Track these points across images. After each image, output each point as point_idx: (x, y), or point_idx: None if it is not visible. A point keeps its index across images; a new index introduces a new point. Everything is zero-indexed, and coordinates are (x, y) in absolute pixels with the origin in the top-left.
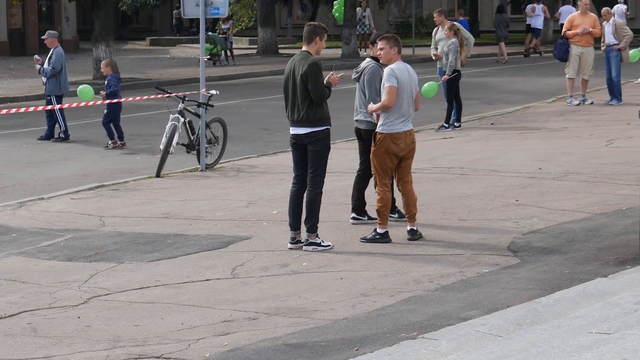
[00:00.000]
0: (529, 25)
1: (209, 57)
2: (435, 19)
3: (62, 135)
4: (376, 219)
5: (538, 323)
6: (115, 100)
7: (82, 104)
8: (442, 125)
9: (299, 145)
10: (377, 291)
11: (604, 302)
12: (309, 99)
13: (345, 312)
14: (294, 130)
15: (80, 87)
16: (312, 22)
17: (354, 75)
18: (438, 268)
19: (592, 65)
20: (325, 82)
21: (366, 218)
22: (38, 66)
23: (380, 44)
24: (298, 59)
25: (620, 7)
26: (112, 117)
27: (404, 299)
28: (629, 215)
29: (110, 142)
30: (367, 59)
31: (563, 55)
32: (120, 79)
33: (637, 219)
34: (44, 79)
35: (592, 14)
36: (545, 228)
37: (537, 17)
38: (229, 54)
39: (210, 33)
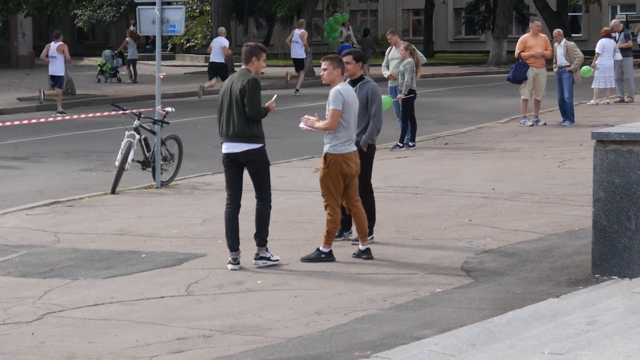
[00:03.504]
0: None
1: (105, 72)
2: (390, 39)
3: None
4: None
5: (491, 343)
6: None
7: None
8: (397, 145)
9: (233, 163)
10: (331, 310)
11: (556, 322)
12: (245, 114)
13: (300, 331)
14: (228, 148)
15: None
16: (249, 43)
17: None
18: (392, 287)
19: (545, 86)
20: (265, 105)
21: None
22: None
23: (323, 65)
24: (237, 75)
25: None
26: None
27: (357, 317)
28: (581, 236)
29: None
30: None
31: (523, 77)
32: None
33: (589, 239)
34: None
35: (543, 35)
36: (498, 248)
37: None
38: (118, 72)
39: (105, 51)
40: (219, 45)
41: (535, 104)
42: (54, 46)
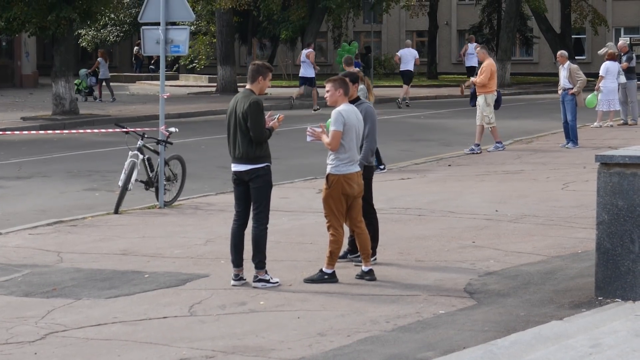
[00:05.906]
0: None
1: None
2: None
3: None
4: (359, 258)
5: None
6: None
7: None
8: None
9: (240, 181)
10: (334, 331)
11: (560, 345)
12: (248, 136)
13: (302, 352)
14: (235, 167)
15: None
16: (256, 62)
17: None
18: (395, 308)
19: (484, 111)
20: (267, 125)
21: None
22: None
23: (327, 87)
24: (241, 96)
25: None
26: None
27: (360, 339)
28: (584, 259)
29: None
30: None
31: (473, 103)
32: None
33: (592, 262)
34: None
35: (487, 61)
36: (501, 270)
37: None
38: (94, 91)
39: (81, 70)
40: (410, 54)
41: (491, 130)
42: (304, 52)
